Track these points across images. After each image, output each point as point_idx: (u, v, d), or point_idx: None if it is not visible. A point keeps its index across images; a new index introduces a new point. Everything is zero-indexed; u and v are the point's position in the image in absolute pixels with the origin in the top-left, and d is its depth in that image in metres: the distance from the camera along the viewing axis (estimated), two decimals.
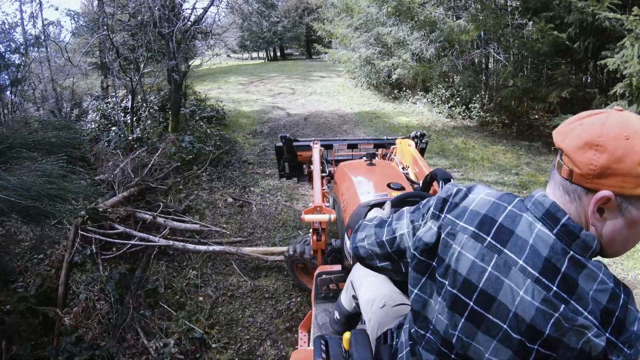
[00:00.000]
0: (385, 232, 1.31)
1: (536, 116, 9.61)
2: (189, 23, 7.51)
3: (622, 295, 0.92)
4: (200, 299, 3.83)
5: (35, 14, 8.56)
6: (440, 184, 2.67)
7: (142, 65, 7.28)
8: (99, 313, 3.60)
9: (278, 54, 30.94)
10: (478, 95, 9.95)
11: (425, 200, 1.25)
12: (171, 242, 4.27)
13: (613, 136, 0.88)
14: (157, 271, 4.10)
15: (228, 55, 10.90)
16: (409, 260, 1.20)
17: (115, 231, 4.29)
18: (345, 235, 2.50)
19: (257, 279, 4.11)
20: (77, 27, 9.90)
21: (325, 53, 15.83)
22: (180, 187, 5.79)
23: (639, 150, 0.86)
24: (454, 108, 10.35)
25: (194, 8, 7.93)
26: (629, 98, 5.63)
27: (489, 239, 1.01)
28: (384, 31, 10.66)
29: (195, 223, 4.79)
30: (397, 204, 2.19)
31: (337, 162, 4.17)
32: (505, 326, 0.96)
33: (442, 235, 1.08)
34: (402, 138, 4.17)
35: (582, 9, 6.00)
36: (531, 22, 7.53)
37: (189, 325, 3.43)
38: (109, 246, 4.24)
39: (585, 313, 0.89)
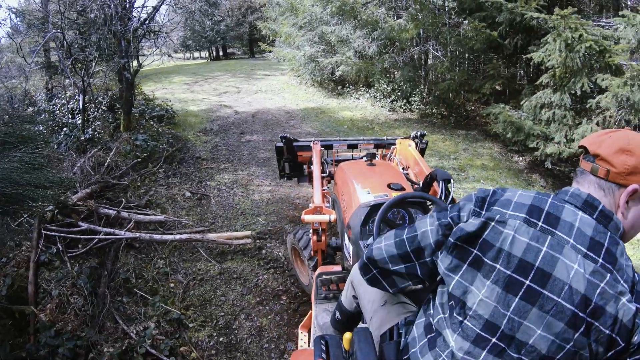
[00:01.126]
0: (407, 231, 1.42)
1: (472, 107, 10.33)
2: (139, 22, 7.56)
3: (637, 276, 1.13)
4: (172, 285, 4.03)
5: None
6: (440, 184, 2.78)
7: (93, 64, 7.26)
8: (74, 307, 3.67)
9: (220, 53, 30.77)
10: (418, 90, 10.55)
11: (449, 207, 1.38)
12: (137, 235, 4.41)
13: (637, 144, 1.14)
14: (126, 263, 4.24)
15: (169, 56, 10.88)
16: (444, 251, 1.29)
17: (79, 228, 4.36)
18: (346, 235, 2.73)
19: (223, 262, 4.35)
20: (23, 26, 9.60)
21: (270, 52, 16.08)
22: (138, 184, 5.90)
23: None
24: (395, 102, 10.90)
25: (143, 6, 7.99)
26: (554, 87, 6.27)
27: (540, 223, 1.16)
28: (327, 30, 11.07)
29: (159, 215, 4.95)
30: (397, 204, 2.33)
31: (337, 162, 4.23)
32: (559, 299, 1.08)
33: (492, 224, 1.19)
34: (402, 138, 4.19)
35: (512, 10, 6.63)
36: (466, 21, 8.16)
37: (165, 308, 3.62)
38: (74, 244, 4.29)
39: (622, 281, 1.08)
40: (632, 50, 5.90)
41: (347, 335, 1.60)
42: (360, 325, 2.10)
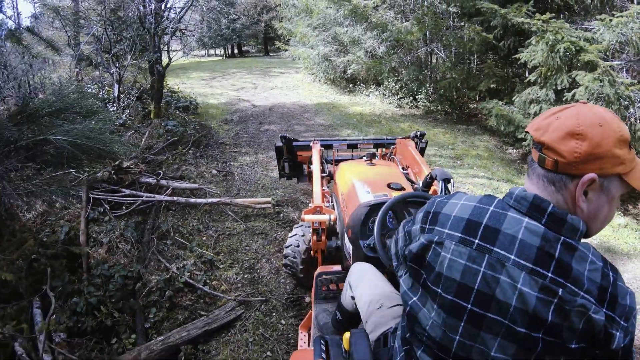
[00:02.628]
0: (393, 244, 1.42)
1: (474, 105, 11.06)
2: (171, 20, 8.39)
3: (611, 273, 1.00)
4: (205, 238, 4.84)
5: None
6: (440, 183, 2.74)
7: (129, 57, 8.09)
8: (123, 250, 4.48)
9: (236, 51, 31.47)
10: (423, 88, 11.27)
11: (419, 211, 1.31)
12: (175, 198, 5.24)
13: (589, 124, 0.97)
14: (165, 221, 5.05)
15: (187, 53, 11.60)
16: (404, 273, 1.27)
17: (122, 194, 5.17)
18: (346, 235, 2.73)
19: (248, 222, 5.17)
20: (61, 21, 10.40)
21: (285, 50, 16.76)
22: (171, 162, 6.73)
23: (611, 134, 0.97)
24: (402, 99, 11.66)
25: (172, 7, 8.81)
26: (540, 84, 7.02)
27: (476, 241, 1.05)
28: (340, 31, 11.82)
29: (194, 184, 5.77)
30: (398, 203, 2.32)
31: (337, 162, 4.23)
32: (507, 322, 1.00)
33: (432, 246, 1.13)
34: (402, 138, 4.20)
35: (505, 15, 7.38)
36: (467, 25, 8.93)
37: (200, 252, 4.45)
38: (117, 206, 5.06)
39: (582, 293, 0.95)
40: (612, 51, 6.63)
41: (347, 336, 1.58)
42: (361, 326, 2.02)
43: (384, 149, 4.44)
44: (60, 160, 3.61)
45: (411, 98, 11.53)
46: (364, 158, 3.66)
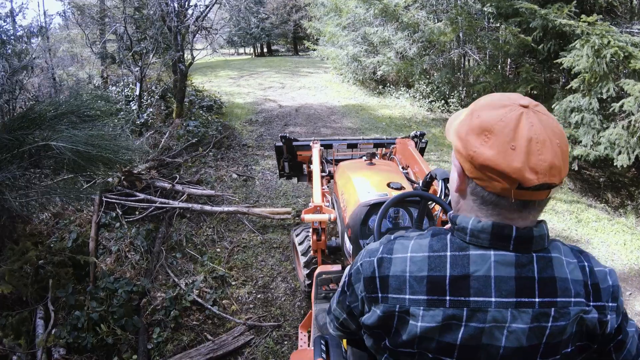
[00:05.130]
0: (334, 317, 1.28)
1: None
2: (194, 19, 8.19)
3: (586, 263, 0.97)
4: (218, 249, 4.57)
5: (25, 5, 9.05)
6: (440, 183, 2.72)
7: (151, 56, 7.92)
8: (131, 261, 4.26)
9: (265, 50, 31.45)
10: (456, 91, 10.82)
11: (345, 279, 1.19)
12: (190, 205, 4.98)
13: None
14: (178, 229, 4.80)
15: (215, 51, 11.50)
16: (364, 335, 1.12)
17: (136, 198, 4.96)
18: (346, 235, 2.76)
19: (265, 233, 4.87)
20: (82, 19, 10.41)
21: (314, 50, 16.50)
22: (190, 164, 6.50)
23: None
24: (433, 102, 11.20)
25: (195, 6, 8.63)
26: (583, 91, 6.51)
27: (447, 298, 0.93)
28: (370, 31, 11.49)
29: (210, 190, 5.51)
30: (397, 203, 2.38)
31: (337, 161, 4.18)
32: None
33: (396, 314, 0.97)
34: (402, 138, 4.18)
35: (545, 16, 6.88)
36: (503, 26, 8.44)
37: (212, 266, 4.18)
38: (131, 211, 4.89)
39: (573, 299, 0.91)
40: None
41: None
42: None
43: (383, 149, 4.41)
44: (62, 167, 3.41)
45: (443, 102, 11.08)
46: (364, 158, 3.62)
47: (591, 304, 0.93)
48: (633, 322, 1.03)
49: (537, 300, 0.90)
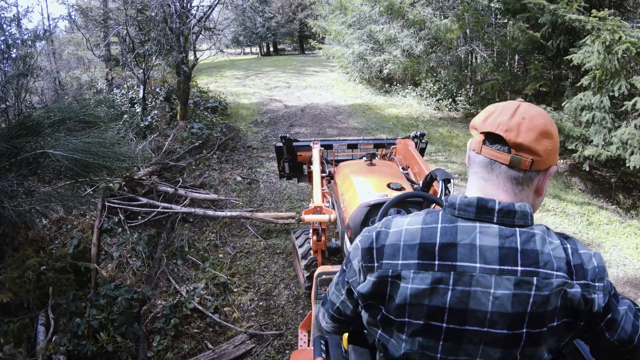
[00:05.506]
0: (329, 305, 1.32)
1: None
2: (196, 20, 8.14)
3: (569, 245, 1.02)
4: (221, 255, 4.50)
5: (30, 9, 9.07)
6: (440, 183, 2.74)
7: (154, 58, 7.88)
8: (133, 267, 4.21)
9: (271, 49, 31.39)
10: (464, 89, 10.68)
11: (345, 260, 1.25)
12: (193, 210, 4.92)
13: (550, 122, 1.02)
14: (181, 234, 4.75)
15: (221, 51, 11.48)
16: (361, 310, 1.19)
17: (139, 202, 4.91)
18: (346, 235, 2.77)
19: (269, 239, 4.79)
20: (85, 21, 10.40)
21: (320, 49, 16.44)
22: (194, 167, 6.45)
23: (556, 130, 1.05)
24: (441, 101, 11.08)
25: (200, 6, 8.57)
26: (594, 89, 6.37)
27: (436, 262, 1.01)
28: (376, 28, 11.37)
29: (213, 194, 5.45)
30: (397, 204, 2.35)
31: (337, 162, 4.20)
32: (486, 329, 0.99)
33: (388, 280, 1.06)
34: (402, 138, 4.18)
35: (554, 11, 6.73)
36: (511, 22, 8.29)
37: (214, 273, 4.11)
38: (133, 216, 4.84)
39: (555, 272, 0.96)
40: None
41: (347, 336, 1.54)
42: None
43: (384, 150, 4.41)
44: (60, 175, 3.37)
45: (450, 100, 10.95)
46: (364, 158, 3.64)
47: (575, 282, 0.98)
48: (627, 300, 1.07)
49: (519, 268, 0.97)
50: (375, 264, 1.09)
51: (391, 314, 1.07)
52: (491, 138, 1.04)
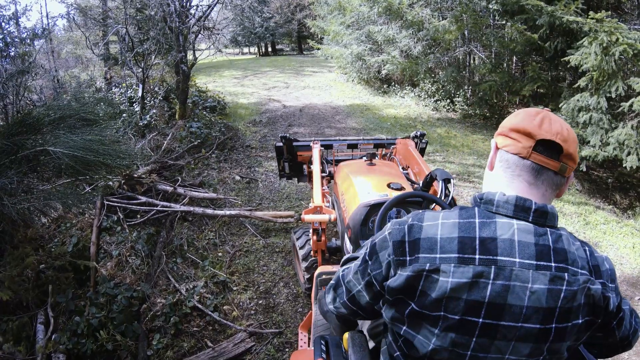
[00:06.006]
0: (344, 292, 1.33)
1: (515, 110, 10.42)
2: (196, 19, 8.14)
3: (587, 247, 1.10)
4: (220, 254, 4.51)
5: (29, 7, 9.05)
6: (440, 183, 2.74)
7: (152, 57, 7.88)
8: (132, 265, 4.21)
9: (269, 49, 31.40)
10: (462, 90, 10.71)
11: (366, 250, 1.24)
12: (192, 209, 4.93)
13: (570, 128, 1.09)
14: (180, 232, 4.76)
15: (220, 50, 11.46)
16: (385, 304, 1.20)
17: (138, 201, 4.91)
18: (346, 235, 2.77)
19: (268, 237, 4.81)
20: (84, 20, 10.38)
21: (318, 49, 16.39)
22: (192, 166, 6.45)
23: None
24: (439, 102, 11.12)
25: (197, 6, 8.57)
26: (591, 90, 6.40)
27: (477, 256, 1.03)
28: (374, 29, 11.35)
29: (212, 193, 5.45)
30: (397, 204, 2.37)
31: (337, 162, 4.20)
32: (520, 324, 1.02)
33: (424, 274, 1.06)
34: (402, 138, 4.17)
35: (552, 13, 6.77)
36: (509, 24, 8.32)
37: (213, 272, 4.12)
38: (133, 214, 4.85)
39: (580, 270, 1.03)
40: None
41: (347, 336, 1.55)
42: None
43: (384, 149, 4.41)
44: (60, 172, 3.37)
45: (448, 101, 10.99)
46: (364, 158, 3.64)
47: (595, 279, 1.05)
48: (627, 300, 1.18)
49: (553, 264, 1.02)
50: (409, 258, 1.10)
51: (425, 309, 1.07)
52: (544, 145, 1.07)
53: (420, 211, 1.19)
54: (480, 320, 1.03)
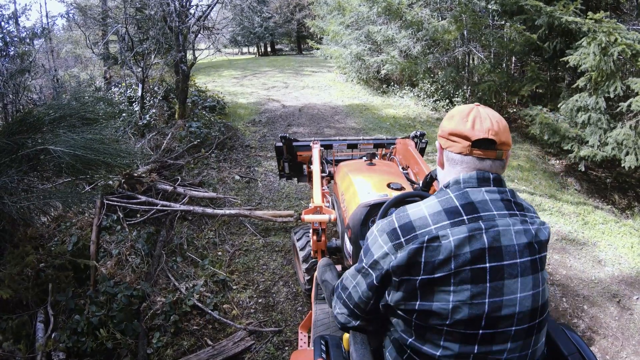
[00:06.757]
0: (347, 296, 1.44)
1: (514, 110, 10.43)
2: (195, 19, 8.15)
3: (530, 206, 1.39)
4: (220, 253, 4.52)
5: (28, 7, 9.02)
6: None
7: (152, 57, 7.88)
8: (132, 264, 4.22)
9: (269, 49, 31.43)
10: (461, 90, 10.71)
11: (365, 249, 1.37)
12: (192, 208, 4.94)
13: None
14: (179, 232, 4.76)
15: (219, 50, 11.46)
16: (390, 291, 1.31)
17: (138, 200, 4.92)
18: (346, 235, 2.75)
19: (267, 237, 4.82)
20: (84, 20, 10.37)
21: (317, 49, 16.40)
22: (192, 166, 6.46)
23: None
24: (438, 102, 11.11)
25: (197, 6, 8.58)
26: (590, 90, 6.42)
27: (465, 217, 1.22)
28: (374, 29, 11.35)
29: (212, 192, 5.46)
30: (397, 204, 2.30)
31: (337, 162, 4.17)
32: (519, 259, 1.21)
33: (424, 246, 1.20)
34: (402, 138, 4.16)
35: (550, 13, 6.79)
36: (508, 24, 8.34)
37: (213, 270, 4.13)
38: (132, 213, 4.85)
39: (534, 214, 1.32)
40: None
41: (347, 336, 1.57)
42: None
43: (383, 149, 4.40)
44: (60, 171, 3.38)
45: (447, 101, 10.98)
46: (364, 158, 3.61)
47: (542, 221, 1.34)
48: None
49: (517, 212, 1.28)
50: (404, 239, 1.26)
51: (435, 272, 1.20)
52: (480, 142, 1.28)
53: (399, 208, 1.37)
54: (487, 265, 1.19)
